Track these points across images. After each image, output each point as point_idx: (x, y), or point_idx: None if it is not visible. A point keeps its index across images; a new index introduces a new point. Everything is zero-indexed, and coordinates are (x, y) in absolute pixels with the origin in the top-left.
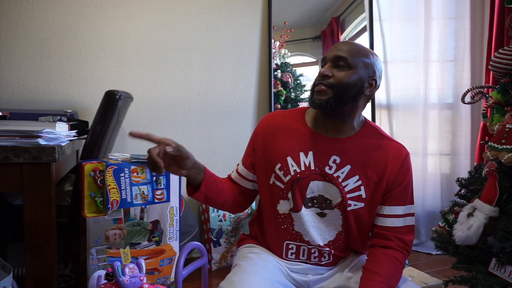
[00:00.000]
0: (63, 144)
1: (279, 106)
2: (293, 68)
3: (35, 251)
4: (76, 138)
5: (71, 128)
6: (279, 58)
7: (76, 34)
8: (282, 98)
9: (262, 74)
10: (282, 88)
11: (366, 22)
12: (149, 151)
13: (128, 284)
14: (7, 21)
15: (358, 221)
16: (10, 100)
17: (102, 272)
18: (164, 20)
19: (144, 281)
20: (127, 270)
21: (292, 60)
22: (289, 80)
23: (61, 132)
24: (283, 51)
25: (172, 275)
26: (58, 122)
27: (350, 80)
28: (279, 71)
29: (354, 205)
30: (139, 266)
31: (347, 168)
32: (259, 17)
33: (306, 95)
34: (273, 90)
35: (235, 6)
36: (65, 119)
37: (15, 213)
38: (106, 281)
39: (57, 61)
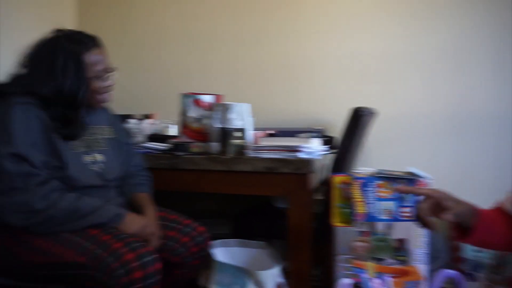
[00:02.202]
0: (317, 157)
1: None
2: None
3: (296, 250)
4: (327, 152)
5: (322, 143)
6: None
7: (324, 58)
8: None
9: None
10: None
11: None
12: (418, 209)
13: None
14: (266, 52)
15: None
16: (275, 121)
17: (349, 281)
18: (400, 32)
19: None
20: (373, 284)
21: None
22: None
23: (316, 147)
24: None
25: None
26: (313, 138)
27: None
28: None
29: None
30: (385, 283)
31: None
32: None
33: None
34: None
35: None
36: (318, 135)
37: (278, 214)
38: None
39: (307, 85)
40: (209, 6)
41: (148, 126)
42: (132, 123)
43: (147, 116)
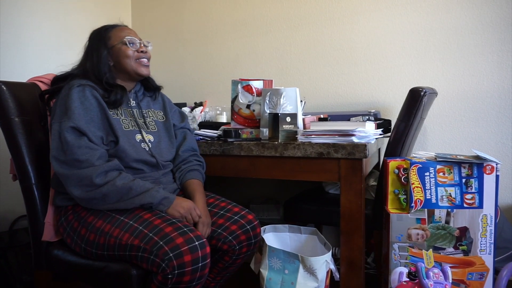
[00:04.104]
0: (371, 142)
1: None
2: None
3: (348, 236)
4: (381, 136)
5: (377, 127)
6: None
7: (378, 38)
8: None
9: None
10: None
11: None
12: None
13: None
14: (316, 34)
15: None
16: (327, 105)
17: (404, 269)
18: (461, 3)
19: None
20: (431, 274)
21: None
22: None
23: (370, 131)
24: None
25: None
26: (367, 121)
27: None
28: None
29: None
30: (444, 273)
31: None
32: None
33: None
34: None
35: None
36: (372, 119)
37: (330, 200)
38: (408, 279)
39: (362, 66)
40: None
41: (199, 114)
42: (184, 111)
43: (199, 104)
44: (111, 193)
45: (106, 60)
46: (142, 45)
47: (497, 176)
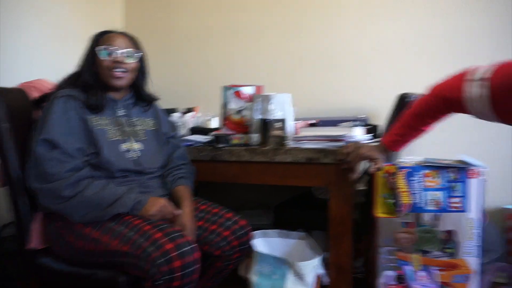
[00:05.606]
0: None
1: None
2: None
3: (337, 241)
4: (370, 141)
5: (368, 132)
6: None
7: (367, 45)
8: None
9: None
10: None
11: None
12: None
13: None
14: (307, 41)
15: None
16: (317, 110)
17: (392, 273)
18: (446, 11)
19: None
20: (418, 277)
21: None
22: None
23: (358, 136)
24: None
25: None
26: (355, 127)
27: None
28: None
29: None
30: (431, 276)
31: None
32: None
33: None
34: None
35: None
36: (360, 124)
37: (319, 205)
38: (396, 283)
39: (348, 71)
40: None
41: (190, 119)
42: (175, 117)
43: (189, 110)
44: (80, 204)
45: (87, 62)
46: (118, 55)
47: (482, 180)
